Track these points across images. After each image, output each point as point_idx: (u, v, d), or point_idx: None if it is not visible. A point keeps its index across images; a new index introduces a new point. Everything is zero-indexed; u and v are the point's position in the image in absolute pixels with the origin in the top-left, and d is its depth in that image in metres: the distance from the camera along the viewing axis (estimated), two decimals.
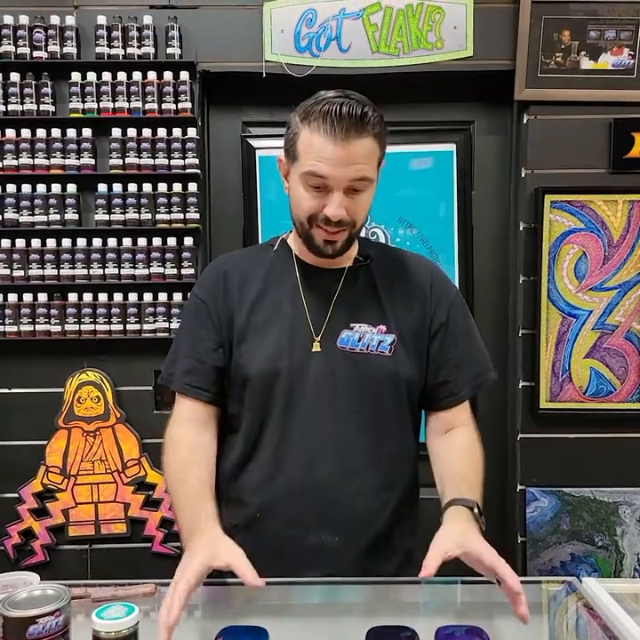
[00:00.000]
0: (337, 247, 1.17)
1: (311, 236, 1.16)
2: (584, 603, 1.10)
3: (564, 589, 1.18)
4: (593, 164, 2.21)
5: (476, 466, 1.20)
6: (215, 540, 1.03)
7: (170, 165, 2.20)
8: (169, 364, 1.26)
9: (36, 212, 2.19)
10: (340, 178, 1.09)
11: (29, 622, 0.83)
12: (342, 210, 1.11)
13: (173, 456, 1.19)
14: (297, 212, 1.17)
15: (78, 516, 2.23)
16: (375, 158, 1.13)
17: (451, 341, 1.24)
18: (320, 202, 1.12)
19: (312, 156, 1.09)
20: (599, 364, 2.22)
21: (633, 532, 2.22)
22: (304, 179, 1.11)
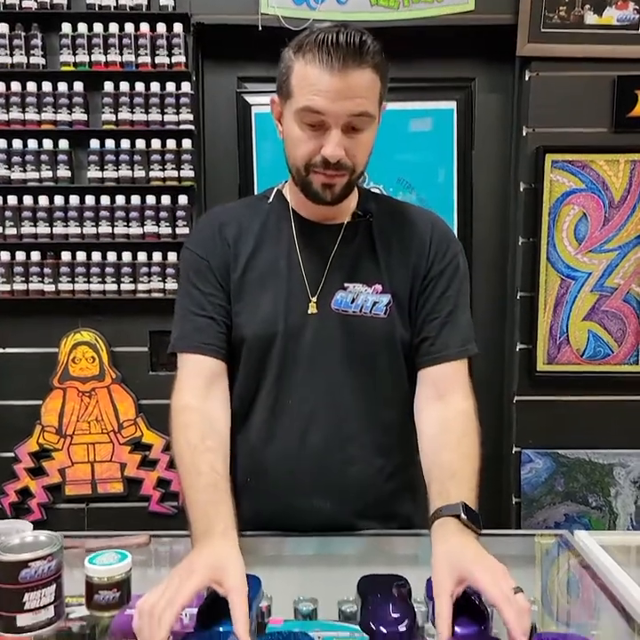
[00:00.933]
0: (336, 192, 1.09)
1: (309, 183, 1.09)
2: (576, 556, 1.11)
3: (557, 543, 1.19)
4: (595, 123, 2.18)
5: (468, 450, 1.08)
6: (224, 559, 0.87)
7: (163, 121, 2.16)
8: (176, 328, 1.19)
9: (28, 168, 2.16)
10: (338, 113, 1.01)
11: (22, 566, 0.84)
12: (341, 150, 1.03)
13: (184, 436, 1.07)
14: (293, 157, 1.09)
15: (75, 475, 2.24)
16: (376, 92, 1.04)
17: (442, 300, 1.17)
18: (317, 143, 1.04)
19: (307, 90, 1.01)
20: (597, 326, 2.21)
21: (627, 494, 2.24)
22: (299, 116, 1.03)
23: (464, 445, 1.08)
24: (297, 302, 1.15)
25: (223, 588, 0.82)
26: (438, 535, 0.94)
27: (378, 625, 0.82)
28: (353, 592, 0.90)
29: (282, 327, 1.14)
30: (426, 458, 1.11)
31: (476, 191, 2.33)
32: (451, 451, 1.07)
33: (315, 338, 1.14)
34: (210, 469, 1.02)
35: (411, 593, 0.90)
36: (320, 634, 0.81)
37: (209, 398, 1.12)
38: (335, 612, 0.89)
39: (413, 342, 1.17)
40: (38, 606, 0.84)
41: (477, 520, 0.96)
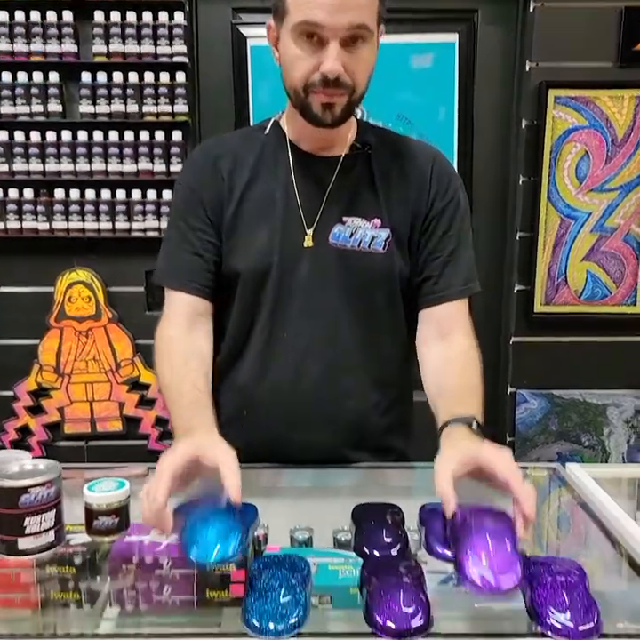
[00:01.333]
0: (336, 112, 1.05)
1: (308, 105, 1.06)
2: (568, 488, 1.13)
3: (549, 475, 1.21)
4: (600, 57, 2.13)
5: (471, 381, 1.09)
6: (207, 438, 0.90)
7: (156, 54, 2.11)
8: (162, 260, 1.19)
9: (18, 102, 2.12)
10: (335, 25, 0.97)
11: (21, 492, 0.85)
12: (339, 65, 0.99)
13: (168, 362, 1.10)
14: (290, 79, 1.05)
15: (73, 413, 2.27)
16: (374, 7, 1.02)
17: (445, 238, 1.16)
18: (315, 60, 1.01)
19: (303, 4, 0.98)
20: (596, 267, 2.20)
21: (619, 433, 2.27)
22: (296, 32, 1.00)
23: (467, 376, 1.09)
24: (292, 235, 1.13)
25: (208, 453, 0.82)
26: (446, 440, 0.94)
27: (371, 549, 0.84)
28: (347, 522, 0.92)
29: (277, 260, 1.12)
30: (431, 389, 1.12)
31: (476, 128, 2.28)
32: (454, 380, 1.08)
33: (311, 271, 1.13)
34: (192, 387, 1.04)
35: (404, 520, 0.91)
36: (315, 560, 0.82)
37: (192, 331, 1.13)
38: (330, 540, 0.91)
39: (415, 281, 1.17)
40: (39, 530, 0.86)
41: (485, 435, 0.96)
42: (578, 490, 1.10)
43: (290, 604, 0.72)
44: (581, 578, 0.76)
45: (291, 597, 0.72)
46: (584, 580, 0.75)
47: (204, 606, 0.81)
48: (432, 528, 0.86)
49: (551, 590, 0.73)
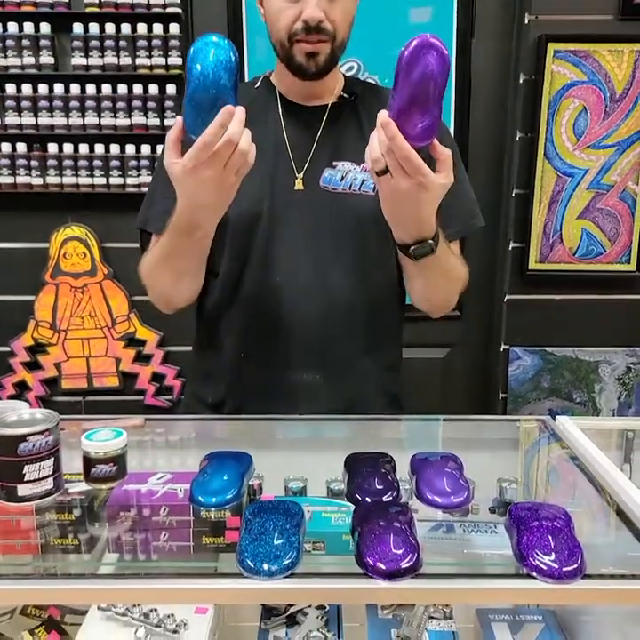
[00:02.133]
0: (319, 61, 1.11)
1: (292, 55, 1.11)
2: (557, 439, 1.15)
3: (539, 427, 1.23)
4: (601, 10, 2.08)
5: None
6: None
7: (149, 4, 2.06)
8: (146, 206, 1.23)
9: (9, 54, 2.07)
10: None
11: (20, 440, 0.86)
12: (320, 12, 1.07)
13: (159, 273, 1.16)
14: (276, 31, 1.11)
15: (70, 369, 2.28)
16: None
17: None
18: (297, 9, 1.07)
19: None
20: (591, 224, 2.20)
21: (611, 390, 2.30)
22: None
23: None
24: (283, 179, 1.16)
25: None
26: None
27: (363, 496, 0.86)
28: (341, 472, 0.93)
29: (268, 204, 1.15)
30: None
31: (474, 83, 2.24)
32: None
33: (302, 214, 1.15)
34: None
35: (395, 469, 0.93)
36: (309, 508, 0.84)
37: None
38: (324, 490, 0.92)
39: None
40: (38, 477, 0.87)
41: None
42: (567, 441, 1.11)
43: (283, 546, 0.73)
44: (567, 522, 0.78)
45: (284, 540, 0.74)
46: (569, 525, 0.77)
47: (200, 552, 0.84)
48: (422, 476, 0.88)
49: (537, 534, 0.75)
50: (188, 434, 1.26)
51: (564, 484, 1.10)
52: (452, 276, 1.16)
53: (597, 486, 0.97)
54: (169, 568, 0.86)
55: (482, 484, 0.87)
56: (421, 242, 1.00)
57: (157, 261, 1.13)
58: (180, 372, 2.30)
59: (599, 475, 0.99)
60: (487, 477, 0.91)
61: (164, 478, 0.91)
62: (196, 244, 1.06)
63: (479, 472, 0.90)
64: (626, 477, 0.96)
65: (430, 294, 1.19)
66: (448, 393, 2.41)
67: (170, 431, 1.24)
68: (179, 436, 1.22)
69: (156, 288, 1.20)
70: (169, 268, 1.12)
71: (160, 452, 1.19)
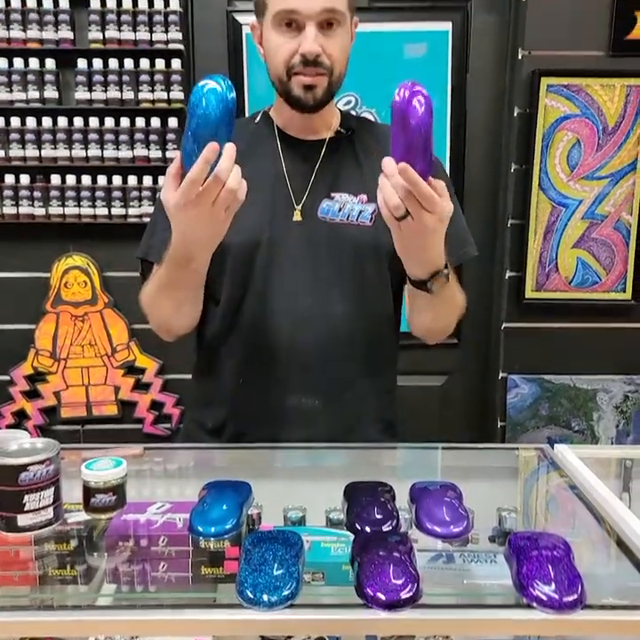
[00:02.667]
0: (317, 94, 1.14)
1: (290, 89, 1.14)
2: (556, 468, 1.15)
3: (537, 455, 1.24)
4: (592, 46, 2.13)
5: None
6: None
7: (152, 40, 2.11)
8: (147, 236, 1.26)
9: (14, 88, 2.11)
10: (310, 9, 1.08)
11: (21, 469, 0.86)
12: (317, 46, 1.09)
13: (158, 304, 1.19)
14: (274, 66, 1.14)
15: (70, 397, 2.28)
16: None
17: None
18: (294, 44, 1.11)
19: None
20: (586, 254, 2.22)
21: (609, 418, 2.30)
22: (275, 21, 1.11)
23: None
24: (281, 210, 1.18)
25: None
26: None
27: (363, 525, 0.86)
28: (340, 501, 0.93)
29: (267, 233, 1.17)
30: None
31: (469, 116, 2.29)
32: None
33: (300, 244, 1.18)
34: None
35: (395, 498, 0.93)
36: (308, 538, 0.84)
37: None
38: (323, 519, 0.92)
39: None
40: (38, 507, 0.87)
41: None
42: (566, 470, 1.12)
43: (283, 577, 0.73)
44: (566, 552, 0.78)
45: (284, 570, 0.74)
46: (569, 554, 0.77)
47: (198, 582, 0.83)
48: (422, 505, 0.88)
49: (537, 563, 0.75)
50: (187, 462, 1.26)
51: (564, 514, 1.10)
52: (453, 304, 1.18)
53: (597, 516, 0.97)
54: (167, 599, 0.85)
55: (481, 513, 0.88)
56: (436, 273, 1.03)
57: (156, 291, 1.15)
58: (179, 400, 2.30)
59: (598, 504, 0.99)
60: (486, 506, 0.91)
61: (163, 508, 0.91)
62: (191, 275, 1.09)
63: (478, 501, 0.90)
64: (625, 507, 0.96)
65: (433, 324, 1.21)
66: (446, 421, 2.41)
67: (169, 460, 1.24)
68: (178, 464, 1.22)
69: (156, 317, 1.21)
70: (168, 297, 1.14)
71: (159, 482, 1.19)
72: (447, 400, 2.45)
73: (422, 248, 0.99)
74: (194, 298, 1.17)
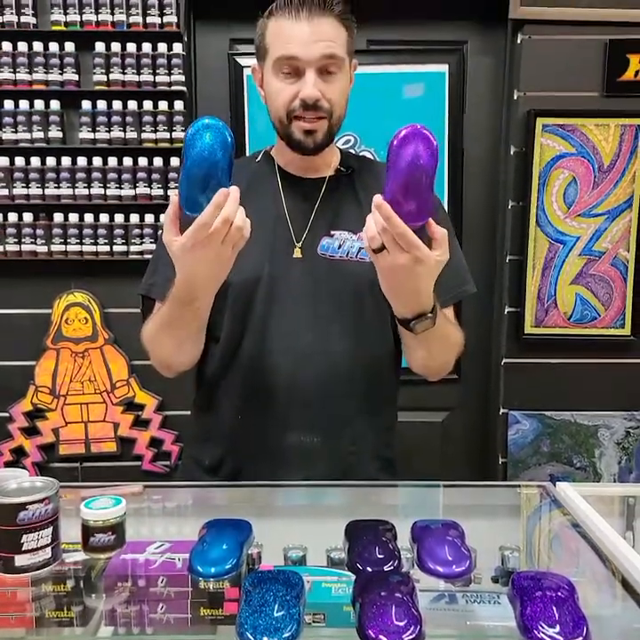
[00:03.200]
0: (317, 138, 1.17)
1: (291, 132, 1.17)
2: (558, 506, 1.14)
3: (540, 493, 1.23)
4: (586, 87, 2.18)
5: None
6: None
7: (155, 82, 2.16)
8: (149, 274, 1.27)
9: (20, 129, 2.15)
10: (310, 55, 1.11)
11: (20, 508, 0.86)
12: (317, 91, 1.12)
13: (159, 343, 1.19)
14: (275, 109, 1.17)
15: (68, 434, 2.27)
16: (343, 41, 1.15)
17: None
18: (295, 89, 1.13)
19: (280, 41, 1.12)
20: (584, 290, 2.24)
21: (611, 454, 2.29)
22: (276, 67, 1.13)
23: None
24: (282, 248, 1.20)
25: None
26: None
27: (364, 565, 0.85)
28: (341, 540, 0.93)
29: (267, 271, 1.19)
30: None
31: (466, 155, 2.33)
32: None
33: (300, 280, 1.19)
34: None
35: (396, 537, 0.92)
36: (309, 578, 0.83)
37: None
38: (324, 559, 0.92)
39: None
40: (36, 547, 0.87)
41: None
42: (568, 508, 1.11)
43: (284, 619, 0.72)
44: (571, 593, 0.77)
45: (285, 612, 0.73)
46: (573, 595, 0.76)
47: (198, 624, 0.82)
48: (424, 544, 0.87)
49: (541, 605, 0.74)
50: (186, 500, 1.25)
51: (567, 553, 1.09)
52: (449, 343, 1.18)
53: (600, 555, 0.96)
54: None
55: (484, 552, 0.87)
56: (421, 315, 1.03)
57: (158, 329, 1.15)
58: (178, 437, 2.29)
59: (602, 543, 0.98)
60: (489, 545, 0.91)
61: (163, 547, 0.90)
62: (194, 314, 1.10)
63: (481, 540, 0.89)
64: (629, 546, 0.96)
65: (429, 362, 1.21)
66: (447, 457, 2.40)
67: (169, 498, 1.23)
68: (177, 503, 1.22)
69: (157, 354, 1.22)
70: (169, 335, 1.15)
71: (158, 520, 1.18)
72: (448, 436, 2.44)
73: (404, 287, 1.00)
74: (196, 336, 1.17)
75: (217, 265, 0.99)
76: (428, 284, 0.99)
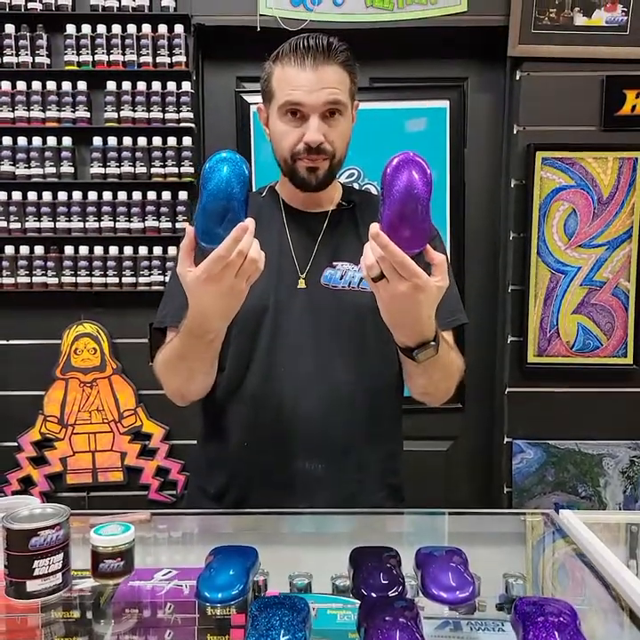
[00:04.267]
0: (320, 175, 1.21)
1: (295, 171, 1.21)
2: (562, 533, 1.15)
3: (543, 521, 1.24)
4: (584, 122, 2.23)
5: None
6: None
7: (164, 119, 2.22)
8: (162, 305, 1.28)
9: (32, 164, 2.21)
10: (314, 102, 1.16)
11: (31, 534, 0.87)
12: (320, 135, 1.17)
13: (173, 372, 1.19)
14: (280, 150, 1.22)
15: (76, 464, 2.29)
16: (346, 87, 1.20)
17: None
18: (299, 133, 1.18)
19: (286, 88, 1.17)
20: (586, 319, 2.26)
21: (615, 484, 2.28)
22: (281, 111, 1.18)
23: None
24: (287, 279, 1.23)
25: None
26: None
27: (369, 591, 0.86)
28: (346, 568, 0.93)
29: (272, 300, 1.22)
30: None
31: (468, 187, 2.38)
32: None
33: (304, 310, 1.22)
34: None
35: (400, 563, 0.93)
36: (315, 605, 0.84)
37: None
38: (329, 586, 0.92)
39: None
40: (47, 573, 0.88)
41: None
42: (571, 536, 1.12)
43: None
44: (573, 618, 0.77)
45: (291, 636, 0.74)
46: (575, 621, 0.77)
47: None
48: (428, 571, 0.88)
49: (542, 629, 0.75)
50: (193, 528, 1.26)
51: (571, 580, 1.09)
52: (451, 371, 1.20)
53: (604, 583, 0.97)
54: None
55: (488, 579, 0.88)
56: (424, 344, 1.03)
57: (171, 361, 1.17)
58: (184, 467, 2.30)
59: (605, 571, 0.99)
60: (493, 573, 0.91)
61: (170, 574, 0.91)
62: (207, 346, 1.11)
63: (485, 567, 0.90)
64: (633, 574, 0.96)
65: (430, 389, 1.23)
66: (452, 486, 2.40)
67: (176, 526, 1.24)
68: (185, 530, 1.23)
69: (170, 384, 1.23)
70: (182, 367, 1.16)
71: (165, 548, 1.19)
72: (452, 465, 2.44)
73: (405, 316, 1.00)
74: (207, 368, 1.19)
75: (230, 298, 1.00)
76: (430, 311, 1.00)
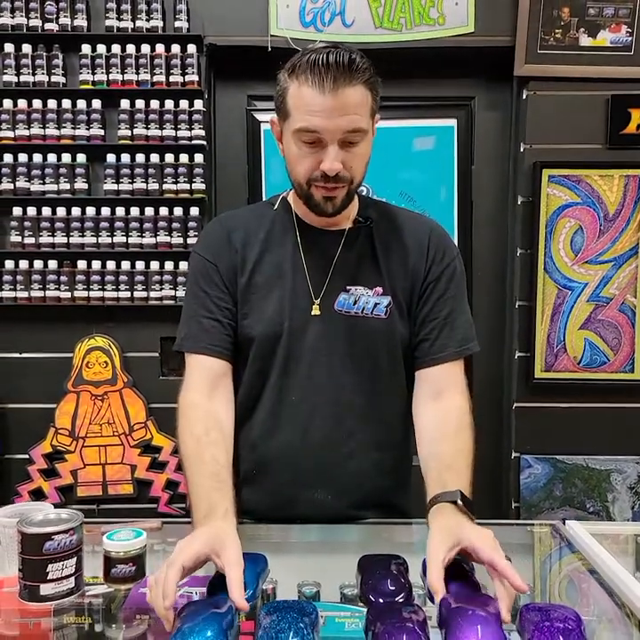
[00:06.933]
0: (337, 203, 1.14)
1: (310, 196, 1.14)
2: (568, 544, 1.15)
3: (550, 532, 1.24)
4: (590, 140, 2.26)
5: (464, 445, 1.12)
6: (224, 535, 0.91)
7: (177, 136, 2.26)
8: (183, 326, 1.23)
9: (47, 181, 2.26)
10: (333, 130, 1.05)
11: (46, 538, 0.89)
12: (339, 164, 1.08)
13: (189, 429, 1.12)
14: (295, 173, 1.14)
15: (86, 476, 2.30)
16: (367, 107, 1.09)
17: (440, 302, 1.22)
18: (316, 159, 1.09)
19: (302, 111, 1.06)
20: (593, 335, 2.27)
21: (624, 499, 2.28)
22: (297, 136, 1.08)
23: (460, 440, 1.12)
24: (301, 304, 1.19)
25: (220, 560, 0.86)
26: (433, 518, 0.98)
27: (376, 597, 0.87)
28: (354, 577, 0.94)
29: (287, 327, 1.18)
30: (423, 449, 1.15)
31: (475, 204, 2.41)
32: (447, 443, 1.11)
33: (318, 337, 1.19)
34: (212, 459, 1.06)
35: (408, 570, 0.94)
36: (323, 613, 0.84)
37: (214, 398, 1.16)
38: (337, 595, 0.93)
39: (412, 342, 1.22)
40: (60, 576, 0.90)
41: (472, 508, 1.00)
42: (577, 546, 1.12)
43: None
44: (578, 624, 0.78)
45: (299, 639, 0.75)
46: (580, 627, 0.78)
47: None
48: None
49: (548, 634, 0.76)
50: None
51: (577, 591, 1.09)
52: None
53: (610, 593, 0.97)
54: None
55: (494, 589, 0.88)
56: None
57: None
58: None
59: (612, 581, 0.99)
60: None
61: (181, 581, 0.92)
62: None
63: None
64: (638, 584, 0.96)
65: None
66: None
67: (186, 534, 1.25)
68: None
69: None
70: None
71: None
72: None
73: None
74: None
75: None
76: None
